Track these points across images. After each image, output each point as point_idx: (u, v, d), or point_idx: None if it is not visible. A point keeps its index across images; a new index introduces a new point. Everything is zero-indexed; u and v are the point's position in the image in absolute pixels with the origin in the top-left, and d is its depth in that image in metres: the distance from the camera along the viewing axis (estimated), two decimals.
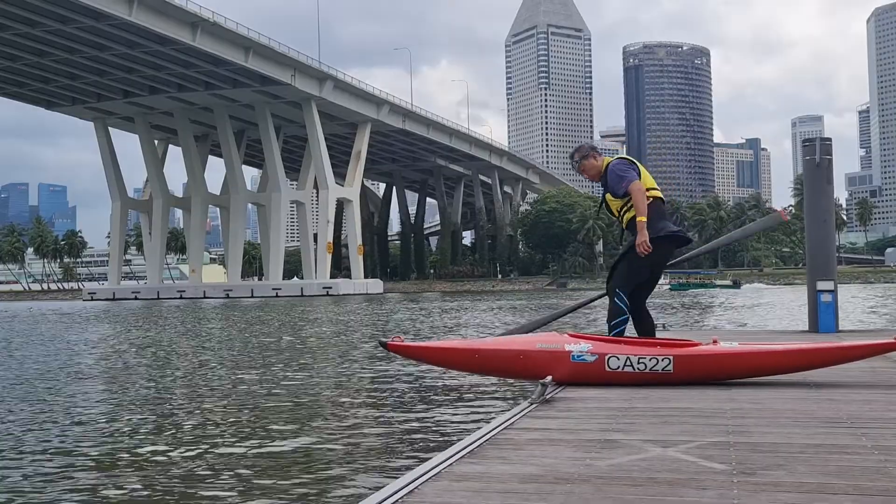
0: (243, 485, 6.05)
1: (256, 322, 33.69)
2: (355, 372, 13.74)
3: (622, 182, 6.49)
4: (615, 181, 6.55)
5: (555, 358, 5.88)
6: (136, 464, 6.92)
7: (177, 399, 10.92)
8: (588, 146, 6.99)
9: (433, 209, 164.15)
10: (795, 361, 6.00)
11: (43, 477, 6.52)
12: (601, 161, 6.79)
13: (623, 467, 3.49)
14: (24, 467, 6.86)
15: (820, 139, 11.25)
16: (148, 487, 6.09)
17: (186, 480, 6.24)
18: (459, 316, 34.99)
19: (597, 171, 6.79)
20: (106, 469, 6.77)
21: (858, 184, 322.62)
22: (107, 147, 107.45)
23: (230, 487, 6.00)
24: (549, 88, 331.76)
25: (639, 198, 6.41)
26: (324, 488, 5.88)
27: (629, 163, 6.70)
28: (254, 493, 5.82)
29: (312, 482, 6.05)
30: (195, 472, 6.53)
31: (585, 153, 6.87)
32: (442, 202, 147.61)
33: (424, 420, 8.60)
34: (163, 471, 6.61)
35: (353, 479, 6.10)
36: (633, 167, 6.63)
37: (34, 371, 14.88)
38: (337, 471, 6.38)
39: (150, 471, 6.64)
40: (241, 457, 7.01)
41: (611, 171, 6.62)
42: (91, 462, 7.04)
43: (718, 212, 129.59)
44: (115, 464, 6.96)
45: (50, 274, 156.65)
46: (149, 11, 75.94)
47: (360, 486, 5.78)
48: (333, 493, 5.76)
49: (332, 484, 5.99)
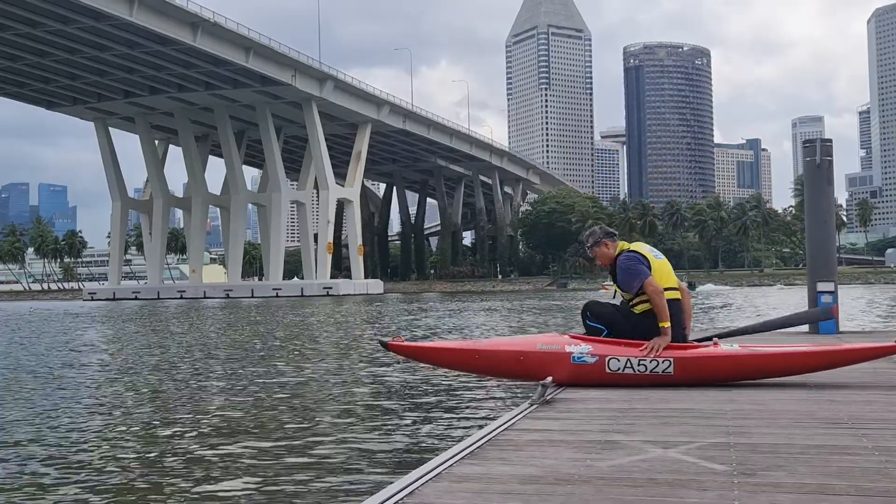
0: (243, 485, 6.05)
1: (257, 322, 33.69)
2: (355, 372, 13.74)
3: (634, 280, 6.05)
4: (625, 279, 6.12)
5: (555, 359, 5.88)
6: (136, 463, 6.91)
7: (177, 399, 10.92)
8: (600, 232, 6.49)
9: (433, 209, 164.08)
10: (796, 364, 6.00)
11: (42, 477, 6.52)
12: (613, 248, 6.35)
13: (623, 468, 3.49)
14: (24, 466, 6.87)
15: (820, 140, 11.26)
16: (148, 487, 6.09)
17: (186, 480, 6.24)
18: (460, 316, 35.01)
19: (608, 259, 6.37)
20: (105, 469, 6.77)
21: (859, 184, 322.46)
22: (107, 147, 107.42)
23: (230, 487, 6.00)
24: (550, 89, 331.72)
25: (659, 302, 5.92)
26: (324, 489, 5.88)
27: (640, 257, 6.18)
28: (254, 493, 5.82)
29: (313, 482, 6.05)
30: (195, 471, 6.53)
31: (597, 239, 6.43)
32: (442, 202, 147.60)
33: (424, 420, 8.60)
34: (163, 470, 6.61)
35: (353, 479, 6.10)
36: (644, 262, 6.14)
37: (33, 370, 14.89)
38: (337, 471, 6.38)
39: (150, 470, 6.64)
40: (241, 457, 7.01)
41: (619, 266, 6.19)
42: (91, 461, 7.05)
43: (719, 212, 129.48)
44: (114, 463, 6.96)
45: (50, 274, 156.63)
46: (149, 11, 75.92)
47: (361, 487, 5.79)
48: (334, 493, 5.76)
49: (332, 484, 5.99)
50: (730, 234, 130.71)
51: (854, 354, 6.11)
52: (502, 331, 24.76)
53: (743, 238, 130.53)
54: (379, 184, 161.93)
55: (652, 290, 5.96)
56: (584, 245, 6.64)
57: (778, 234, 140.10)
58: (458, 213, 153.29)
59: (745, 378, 5.99)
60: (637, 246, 6.34)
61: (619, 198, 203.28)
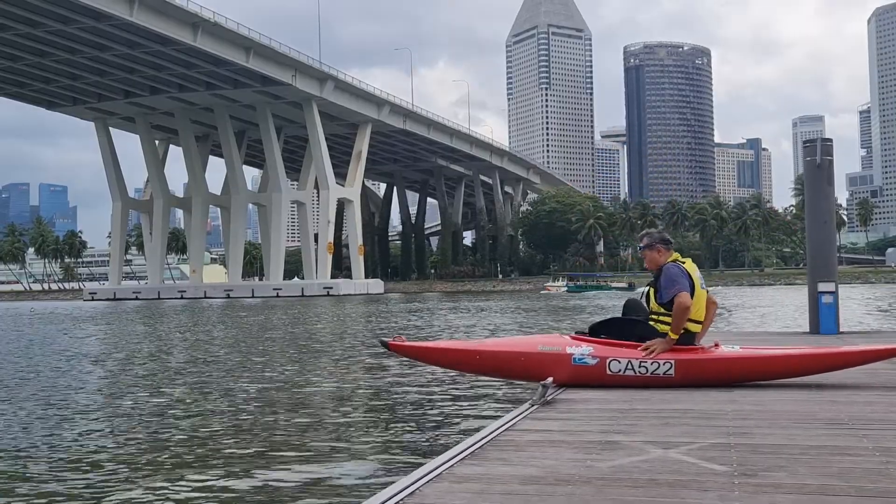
0: (244, 485, 6.05)
1: (258, 322, 33.69)
2: (356, 372, 13.74)
3: (672, 287, 5.99)
4: (666, 284, 6.06)
5: (556, 360, 5.88)
6: (134, 462, 6.92)
7: (177, 399, 10.92)
8: (657, 236, 6.47)
9: (434, 209, 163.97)
10: (797, 366, 5.99)
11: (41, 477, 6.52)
12: (665, 256, 6.30)
13: (624, 469, 3.49)
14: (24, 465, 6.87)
15: (821, 140, 11.26)
16: (148, 487, 6.09)
17: (186, 480, 6.24)
18: (459, 316, 35.01)
19: (656, 264, 6.32)
20: (104, 467, 6.77)
21: (859, 184, 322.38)
22: (107, 147, 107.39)
23: (230, 487, 6.00)
24: (550, 88, 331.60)
25: (681, 317, 5.89)
26: (325, 489, 5.88)
27: (687, 275, 6.12)
28: (254, 493, 5.82)
29: (313, 482, 6.06)
30: (195, 471, 6.53)
31: (653, 242, 6.38)
32: (443, 202, 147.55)
33: (425, 421, 8.60)
34: (162, 471, 6.61)
35: (354, 479, 6.10)
36: (690, 281, 6.08)
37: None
38: (338, 471, 6.38)
39: (149, 470, 6.64)
40: (241, 457, 7.01)
41: (666, 272, 6.14)
42: (90, 459, 7.05)
43: (719, 212, 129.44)
44: (112, 462, 6.96)
45: (51, 274, 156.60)
46: (149, 12, 75.91)
47: (361, 487, 5.79)
48: (334, 493, 5.76)
49: (333, 484, 5.99)
50: (730, 233, 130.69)
51: (855, 357, 6.11)
52: (503, 331, 24.75)
53: (743, 238, 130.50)
54: (379, 184, 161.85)
55: (680, 304, 5.90)
56: (638, 239, 6.57)
57: (778, 234, 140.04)
58: (459, 212, 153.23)
59: (746, 380, 5.98)
60: (690, 266, 6.24)
61: (619, 197, 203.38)
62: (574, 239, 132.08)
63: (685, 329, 5.96)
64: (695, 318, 6.02)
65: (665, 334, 5.94)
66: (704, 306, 6.13)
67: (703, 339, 6.23)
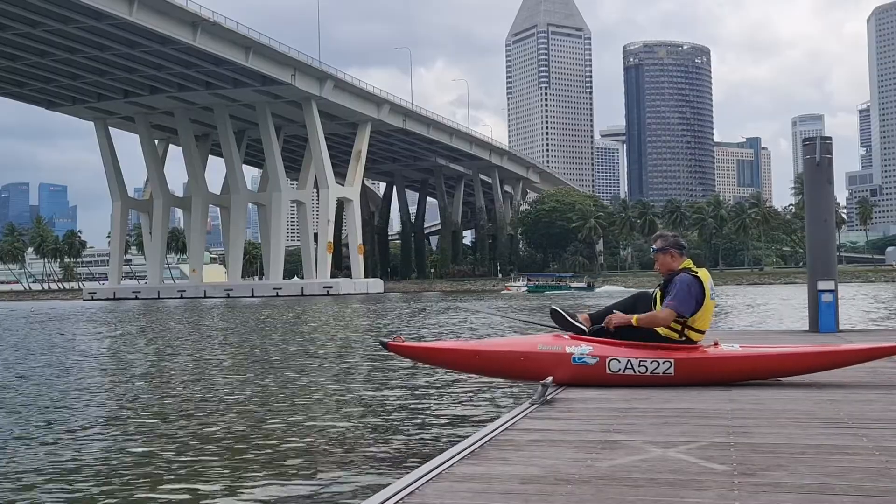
0: (244, 485, 6.06)
1: (260, 322, 33.68)
2: (355, 371, 13.75)
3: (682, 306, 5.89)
4: (680, 296, 5.92)
5: (556, 359, 5.88)
6: (133, 462, 6.92)
7: (176, 399, 10.92)
8: (672, 240, 6.30)
9: (434, 209, 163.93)
10: (797, 365, 5.99)
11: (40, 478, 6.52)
12: (678, 262, 6.19)
13: (624, 468, 3.49)
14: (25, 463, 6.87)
15: (820, 138, 11.25)
16: (147, 487, 6.09)
17: (186, 480, 6.25)
18: (459, 315, 35.00)
19: (668, 269, 6.20)
20: (103, 467, 6.77)
21: (859, 183, 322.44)
22: (107, 147, 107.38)
23: (230, 487, 6.00)
24: (550, 88, 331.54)
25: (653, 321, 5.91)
26: (325, 489, 5.88)
27: (701, 287, 6.01)
28: (254, 494, 5.82)
29: (313, 482, 6.06)
30: (195, 472, 6.53)
31: (667, 245, 6.25)
32: (442, 202, 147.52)
33: (425, 420, 8.60)
34: (162, 471, 6.61)
35: (353, 479, 6.09)
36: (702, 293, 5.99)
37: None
38: (338, 471, 6.38)
39: (148, 470, 6.64)
40: (241, 457, 7.01)
41: (681, 282, 5.99)
42: (89, 461, 7.05)
43: (719, 211, 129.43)
44: (113, 464, 6.96)
45: (50, 274, 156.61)
46: (149, 11, 75.91)
47: (361, 487, 5.78)
48: (334, 493, 5.76)
49: (333, 484, 5.99)
50: (730, 232, 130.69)
51: (854, 355, 6.11)
52: (504, 331, 24.74)
53: (743, 237, 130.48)
54: (379, 183, 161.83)
55: (662, 317, 5.90)
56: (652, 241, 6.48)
57: (778, 233, 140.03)
58: (458, 212, 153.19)
59: (746, 379, 5.98)
60: (704, 275, 6.12)
61: (619, 196, 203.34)
62: (574, 238, 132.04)
63: (685, 336, 5.97)
64: (698, 327, 6.00)
65: (664, 337, 5.96)
66: (710, 316, 6.13)
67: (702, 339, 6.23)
